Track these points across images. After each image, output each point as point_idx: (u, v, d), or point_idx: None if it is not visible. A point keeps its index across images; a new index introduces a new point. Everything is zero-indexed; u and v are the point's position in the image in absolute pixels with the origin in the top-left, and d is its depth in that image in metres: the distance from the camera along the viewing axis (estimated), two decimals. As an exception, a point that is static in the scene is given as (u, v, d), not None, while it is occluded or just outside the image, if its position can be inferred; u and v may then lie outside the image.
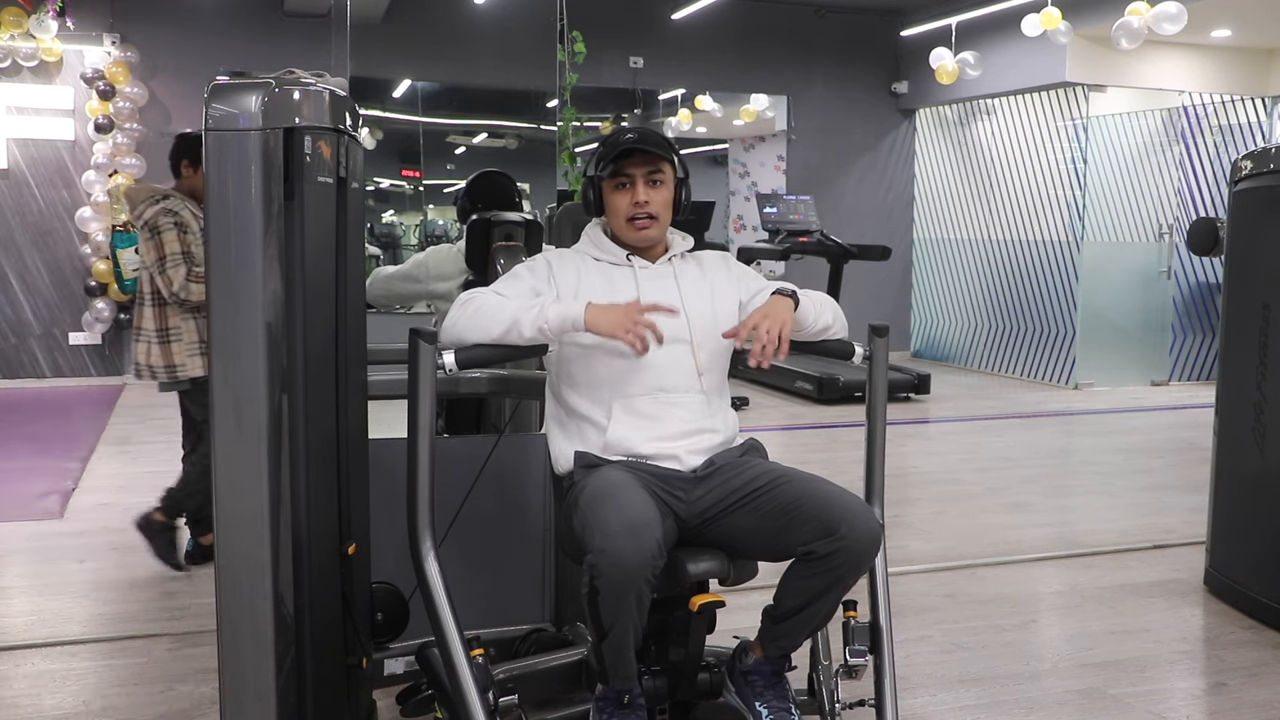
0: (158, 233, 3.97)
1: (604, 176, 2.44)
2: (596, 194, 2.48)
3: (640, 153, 2.42)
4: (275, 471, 2.12)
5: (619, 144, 2.43)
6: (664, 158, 2.44)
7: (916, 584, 4.09)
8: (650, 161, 2.43)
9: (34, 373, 8.49)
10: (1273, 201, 3.71)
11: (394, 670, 2.73)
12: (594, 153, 2.50)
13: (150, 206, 4.01)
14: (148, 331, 4.07)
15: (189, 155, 4.14)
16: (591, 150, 2.53)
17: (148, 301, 4.08)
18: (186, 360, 4.07)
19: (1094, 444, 7.08)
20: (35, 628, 3.57)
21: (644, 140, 2.43)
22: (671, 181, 2.48)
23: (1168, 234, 9.25)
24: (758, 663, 2.36)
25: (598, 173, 2.45)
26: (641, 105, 10.31)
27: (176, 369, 4.07)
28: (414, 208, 10.19)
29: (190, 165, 4.13)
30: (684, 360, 2.40)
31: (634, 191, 2.43)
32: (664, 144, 2.45)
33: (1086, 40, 8.55)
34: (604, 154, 2.45)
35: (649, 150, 2.42)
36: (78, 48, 8.30)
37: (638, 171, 2.43)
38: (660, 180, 2.45)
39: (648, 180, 2.43)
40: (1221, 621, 3.74)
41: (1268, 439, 3.70)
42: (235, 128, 2.05)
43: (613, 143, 2.44)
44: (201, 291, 3.94)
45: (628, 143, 2.42)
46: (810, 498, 2.21)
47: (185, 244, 3.98)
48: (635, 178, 2.43)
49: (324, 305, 2.25)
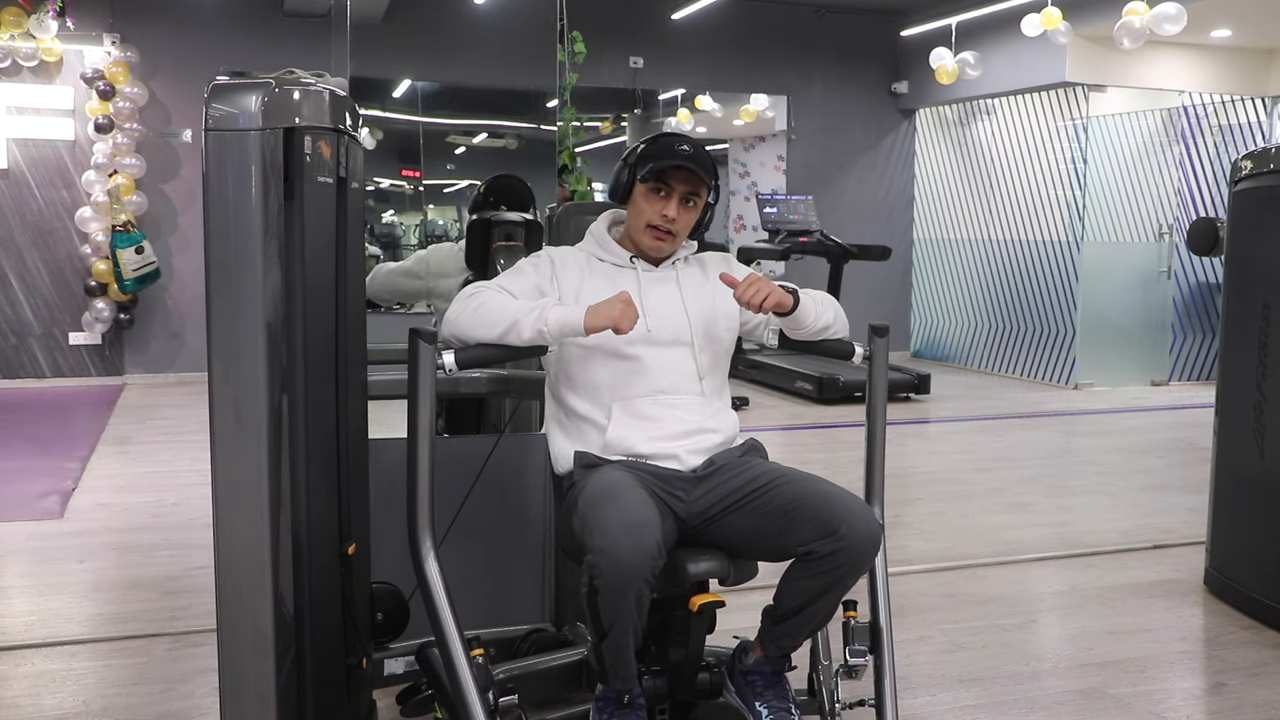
0: None
1: (647, 179, 2.40)
2: (630, 183, 2.44)
3: (688, 170, 2.39)
4: (275, 471, 2.12)
5: (672, 154, 2.38)
6: (707, 184, 2.42)
7: (916, 584, 4.09)
8: (693, 182, 2.41)
9: (34, 373, 8.49)
10: (1273, 201, 3.71)
11: (394, 670, 2.73)
12: (640, 145, 2.45)
13: None
14: None
15: None
16: (592, 150, 2.51)
17: None
18: None
19: (1094, 444, 7.09)
20: (35, 628, 3.57)
21: (694, 161, 2.38)
22: (703, 205, 2.46)
23: (1168, 234, 9.25)
24: (758, 663, 2.36)
25: (641, 175, 2.40)
26: (641, 105, 10.31)
27: None
28: (414, 208, 10.17)
29: None
30: (685, 362, 2.40)
31: (668, 204, 2.40)
32: (713, 170, 2.42)
33: (1086, 40, 8.55)
34: (652, 154, 2.40)
35: (696, 172, 2.39)
36: (78, 48, 8.30)
37: (679, 187, 2.40)
38: (695, 203, 2.43)
39: (684, 198, 2.41)
40: (1221, 621, 3.74)
41: (1268, 439, 3.70)
42: (235, 128, 2.05)
43: (665, 148, 2.40)
44: None
45: (680, 157, 2.37)
46: (810, 498, 2.21)
47: None
48: (674, 191, 2.40)
49: (324, 305, 2.25)
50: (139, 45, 8.39)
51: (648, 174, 2.39)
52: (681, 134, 2.51)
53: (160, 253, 8.47)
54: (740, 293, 2.32)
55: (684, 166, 2.38)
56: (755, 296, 2.30)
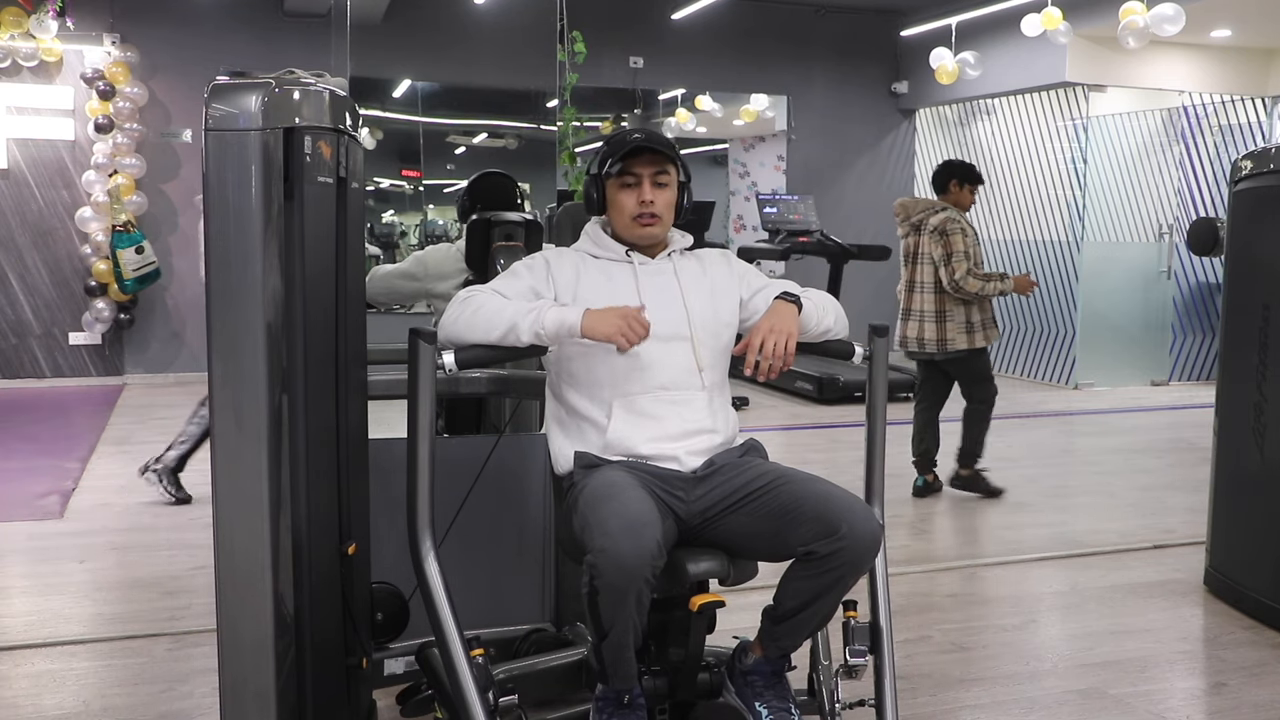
0: (946, 234, 5.14)
1: (611, 175, 2.44)
2: (600, 193, 2.48)
3: (648, 152, 2.42)
4: (275, 471, 2.12)
5: (627, 142, 2.43)
6: (670, 159, 2.45)
7: (916, 584, 4.09)
8: (657, 162, 2.44)
9: (34, 373, 8.49)
10: (1273, 201, 3.71)
11: (394, 670, 2.73)
12: (597, 152, 2.50)
13: (935, 214, 5.23)
14: (925, 312, 5.23)
15: (957, 175, 5.32)
16: (592, 150, 2.53)
17: (928, 288, 5.22)
18: (956, 336, 5.19)
19: (1094, 444, 7.08)
20: (35, 628, 3.57)
21: (651, 140, 2.43)
22: (675, 184, 2.48)
23: (1168, 234, 9.25)
24: (758, 663, 2.36)
25: (604, 171, 2.45)
26: (641, 105, 10.31)
27: (947, 343, 5.20)
28: (414, 208, 10.19)
29: (959, 183, 5.31)
30: (685, 357, 2.40)
31: (640, 191, 2.43)
32: (670, 145, 2.46)
33: (1086, 40, 8.55)
34: (610, 152, 2.45)
35: (657, 150, 2.42)
36: (78, 48, 8.30)
37: (645, 171, 2.43)
38: (665, 182, 2.46)
39: (654, 181, 2.44)
40: (1221, 621, 3.74)
41: (1268, 439, 3.70)
42: (235, 128, 2.05)
43: (620, 141, 2.45)
44: (975, 285, 5.10)
45: (635, 142, 2.42)
46: (810, 498, 2.21)
47: (966, 245, 5.11)
48: (642, 177, 2.43)
49: (324, 305, 2.25)
50: (139, 45, 8.39)
51: (610, 169, 2.43)
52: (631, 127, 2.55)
53: (160, 253, 8.47)
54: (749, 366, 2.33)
55: (643, 148, 2.42)
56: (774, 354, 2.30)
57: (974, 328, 5.23)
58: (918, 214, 5.31)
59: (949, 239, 5.12)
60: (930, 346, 5.22)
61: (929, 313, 5.22)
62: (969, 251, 5.13)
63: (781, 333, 2.32)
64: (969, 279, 5.08)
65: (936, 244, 5.16)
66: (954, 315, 5.18)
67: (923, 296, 5.25)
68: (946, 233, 5.14)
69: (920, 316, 5.26)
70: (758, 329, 2.34)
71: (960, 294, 5.12)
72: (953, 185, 5.31)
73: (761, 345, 2.31)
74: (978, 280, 5.10)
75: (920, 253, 5.27)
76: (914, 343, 5.29)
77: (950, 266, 5.10)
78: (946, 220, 5.17)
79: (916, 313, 5.28)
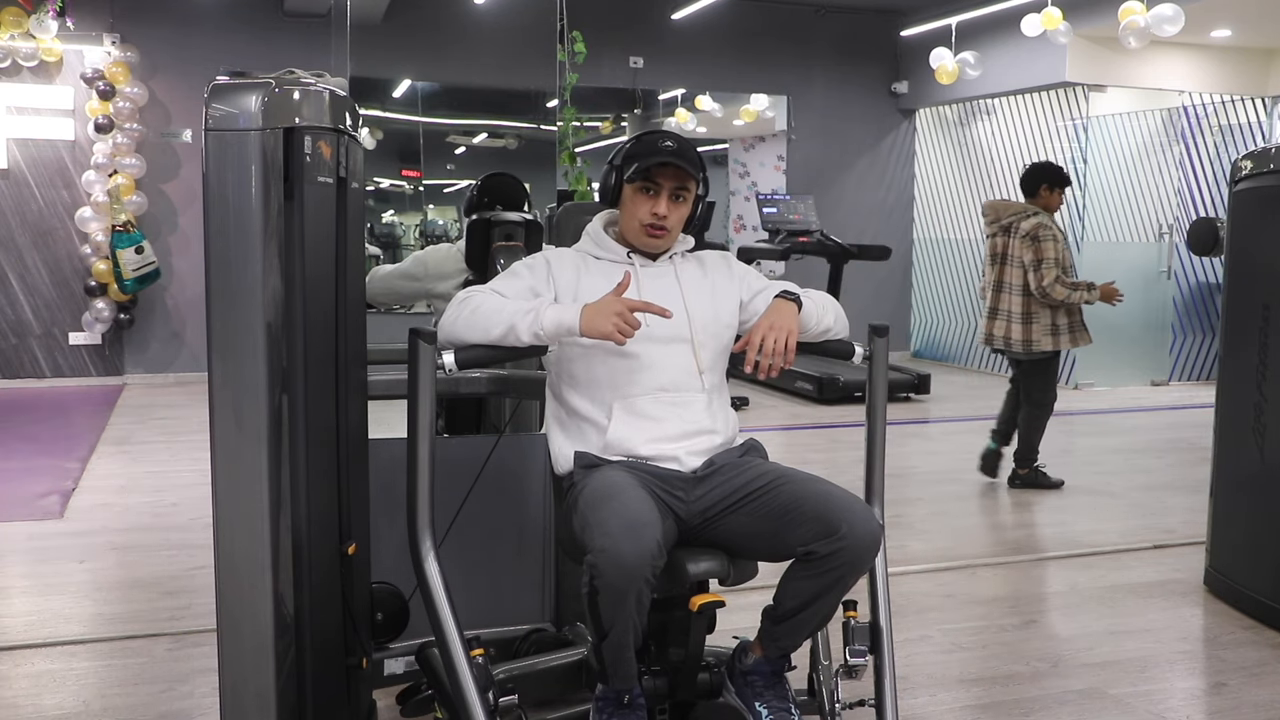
0: (1038, 240, 5.23)
1: (632, 180, 2.40)
2: (618, 186, 2.45)
3: (674, 167, 2.39)
4: (275, 471, 2.12)
5: (656, 151, 2.38)
6: (694, 177, 2.42)
7: (916, 584, 4.09)
8: (681, 177, 2.40)
9: (34, 373, 8.49)
10: (1273, 201, 3.71)
11: (394, 670, 2.73)
12: (625, 145, 2.45)
13: (1027, 219, 5.32)
14: (1012, 313, 5.36)
15: (1047, 179, 5.39)
16: (592, 150, 2.51)
17: (1016, 290, 5.35)
18: (1041, 338, 5.31)
19: (1094, 444, 7.08)
20: (35, 628, 3.57)
21: (680, 156, 2.38)
22: (693, 198, 2.45)
23: (1168, 234, 9.25)
24: (758, 663, 2.36)
25: (627, 176, 2.40)
26: (641, 105, 10.31)
27: (1032, 343, 5.32)
28: (414, 208, 10.18)
29: (1048, 187, 5.39)
30: (685, 359, 2.40)
31: (658, 202, 2.40)
32: (699, 163, 2.42)
33: (1086, 40, 8.55)
34: (636, 154, 2.40)
35: (683, 167, 2.39)
36: (78, 48, 8.30)
37: (666, 183, 2.39)
38: (684, 197, 2.43)
39: (673, 194, 2.41)
40: (1221, 621, 3.74)
41: (1268, 439, 3.70)
42: (235, 128, 2.05)
43: (649, 147, 2.39)
44: (1062, 293, 5.21)
45: (665, 154, 2.37)
46: (810, 498, 2.21)
47: (1056, 252, 5.22)
48: (662, 188, 2.40)
49: (324, 305, 2.24)
50: (139, 45, 8.39)
51: (634, 174, 2.39)
52: (666, 130, 2.51)
53: (160, 253, 8.48)
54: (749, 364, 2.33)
55: (669, 163, 2.38)
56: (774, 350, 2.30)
57: (1059, 330, 5.33)
58: (1009, 217, 5.41)
59: (1040, 245, 5.22)
60: (1016, 346, 5.36)
61: (1016, 314, 5.35)
62: (1059, 258, 5.23)
63: (782, 330, 2.32)
64: (1056, 286, 5.19)
65: (1027, 249, 5.26)
66: (1039, 318, 5.31)
67: (1010, 298, 5.38)
68: (1039, 239, 5.23)
69: (1008, 316, 5.39)
70: (758, 327, 2.34)
71: (1047, 300, 5.24)
72: (1043, 189, 5.40)
73: (761, 343, 2.31)
74: (1065, 288, 5.21)
75: (1010, 254, 5.37)
76: (1000, 341, 5.43)
77: (1040, 273, 5.21)
78: (1039, 226, 5.27)
79: (1004, 312, 5.41)
